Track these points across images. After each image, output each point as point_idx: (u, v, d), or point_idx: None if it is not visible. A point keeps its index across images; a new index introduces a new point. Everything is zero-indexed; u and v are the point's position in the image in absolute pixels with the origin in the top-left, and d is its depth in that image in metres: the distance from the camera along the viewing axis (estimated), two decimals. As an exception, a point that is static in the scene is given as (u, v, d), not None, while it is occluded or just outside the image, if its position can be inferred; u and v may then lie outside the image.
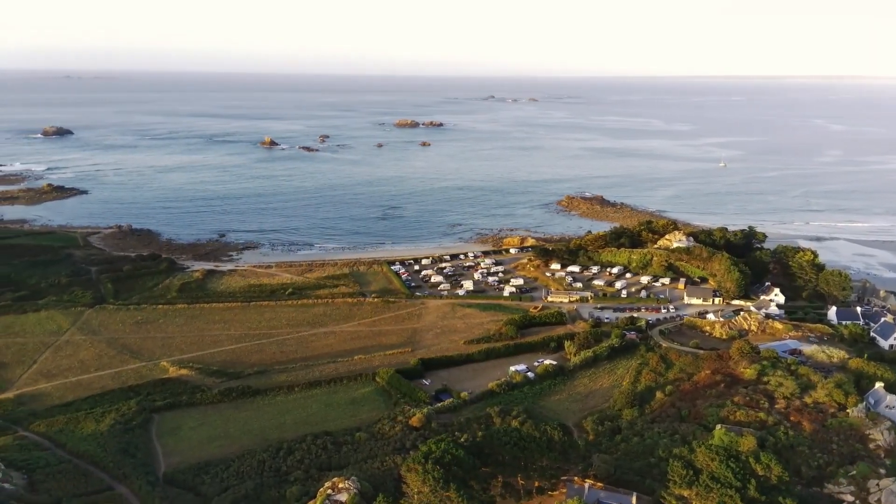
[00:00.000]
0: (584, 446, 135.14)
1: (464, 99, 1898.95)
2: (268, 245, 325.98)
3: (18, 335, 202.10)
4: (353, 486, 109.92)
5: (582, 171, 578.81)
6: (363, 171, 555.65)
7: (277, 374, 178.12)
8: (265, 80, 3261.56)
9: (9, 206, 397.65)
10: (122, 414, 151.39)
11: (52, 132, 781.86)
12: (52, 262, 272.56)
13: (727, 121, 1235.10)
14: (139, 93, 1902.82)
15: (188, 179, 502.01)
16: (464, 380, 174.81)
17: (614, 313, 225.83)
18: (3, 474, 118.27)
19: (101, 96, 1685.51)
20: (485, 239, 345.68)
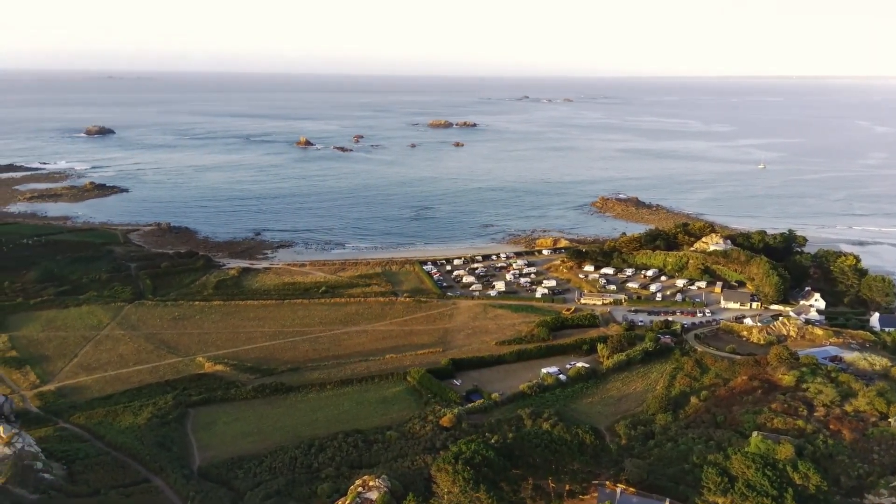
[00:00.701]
0: (617, 451, 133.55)
1: (498, 99, 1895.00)
2: (302, 244, 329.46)
3: (60, 329, 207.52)
4: (383, 484, 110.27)
5: (617, 173, 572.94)
6: (396, 171, 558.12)
7: (310, 371, 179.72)
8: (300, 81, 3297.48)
9: (53, 203, 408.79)
10: (159, 408, 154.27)
11: (95, 131, 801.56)
12: (93, 258, 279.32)
13: (766, 122, 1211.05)
14: (179, 93, 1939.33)
15: (225, 178, 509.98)
16: (495, 381, 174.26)
17: (648, 316, 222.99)
18: (43, 464, 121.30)
19: (143, 97, 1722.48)
20: (517, 240, 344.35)
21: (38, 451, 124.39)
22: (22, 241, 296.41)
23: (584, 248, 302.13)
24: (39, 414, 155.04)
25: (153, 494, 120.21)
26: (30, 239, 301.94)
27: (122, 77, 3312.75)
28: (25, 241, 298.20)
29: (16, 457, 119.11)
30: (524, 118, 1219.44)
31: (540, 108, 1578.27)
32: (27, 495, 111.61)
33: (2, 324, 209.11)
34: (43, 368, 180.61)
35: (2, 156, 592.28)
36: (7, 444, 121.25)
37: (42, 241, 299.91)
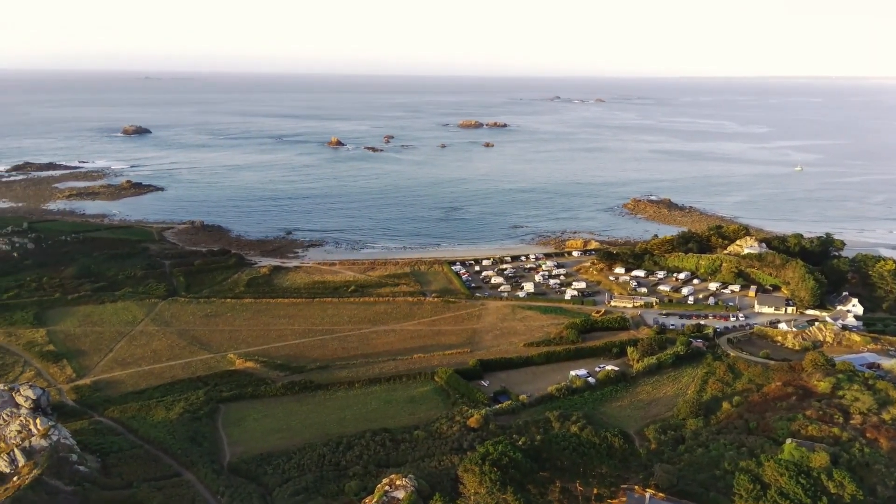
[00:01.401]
0: (646, 455, 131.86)
1: (529, 100, 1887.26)
2: (332, 243, 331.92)
3: (96, 324, 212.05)
4: (410, 483, 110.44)
5: (649, 174, 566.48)
6: (426, 172, 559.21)
7: (339, 369, 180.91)
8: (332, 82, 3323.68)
9: (90, 201, 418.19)
10: (191, 403, 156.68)
11: (132, 131, 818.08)
12: (129, 255, 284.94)
13: (804, 123, 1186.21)
14: (215, 93, 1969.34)
15: (258, 178, 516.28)
16: (523, 382, 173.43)
17: (680, 320, 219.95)
18: (78, 457, 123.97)
19: (179, 97, 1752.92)
20: (547, 241, 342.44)
21: (73, 443, 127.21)
22: (61, 238, 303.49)
23: (615, 249, 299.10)
24: (75, 407, 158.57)
25: (184, 488, 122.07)
26: (68, 236, 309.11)
27: (159, 77, 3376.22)
28: (64, 237, 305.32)
29: (52, 449, 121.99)
30: (555, 119, 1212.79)
31: (571, 108, 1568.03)
32: (62, 487, 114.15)
33: (40, 318, 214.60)
34: (79, 362, 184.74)
35: (42, 154, 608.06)
36: (44, 436, 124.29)
37: (80, 238, 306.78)
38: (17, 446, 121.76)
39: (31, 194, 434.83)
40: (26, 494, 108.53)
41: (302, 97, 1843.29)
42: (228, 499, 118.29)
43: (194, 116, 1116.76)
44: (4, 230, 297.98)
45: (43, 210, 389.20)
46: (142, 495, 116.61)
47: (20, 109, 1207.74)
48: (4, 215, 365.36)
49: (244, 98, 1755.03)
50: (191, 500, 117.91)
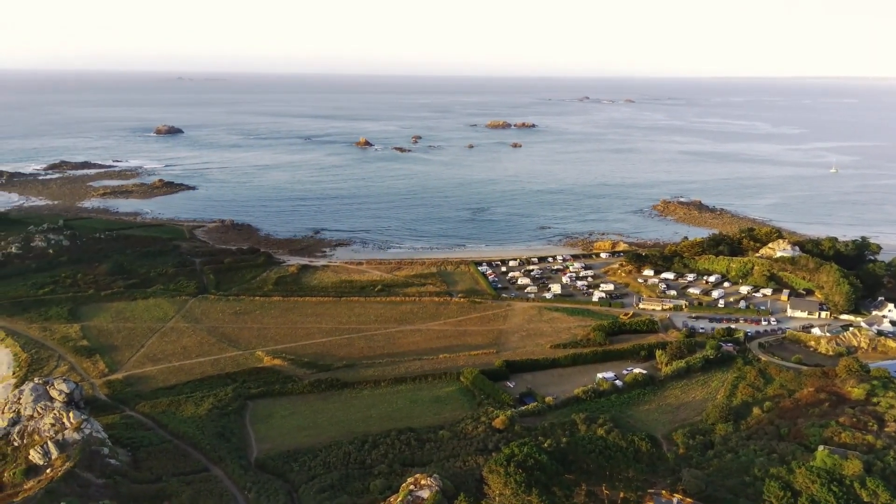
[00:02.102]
0: (674, 460, 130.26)
1: (557, 100, 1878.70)
2: (359, 243, 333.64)
3: (129, 320, 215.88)
4: (435, 483, 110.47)
5: (680, 175, 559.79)
6: (454, 172, 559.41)
7: (365, 368, 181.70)
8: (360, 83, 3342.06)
9: (124, 199, 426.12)
10: (220, 399, 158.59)
11: (165, 131, 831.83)
12: (160, 252, 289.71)
13: (840, 124, 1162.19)
14: (246, 94, 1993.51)
15: (287, 178, 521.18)
16: (549, 384, 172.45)
17: (710, 323, 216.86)
18: (110, 450, 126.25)
19: (210, 97, 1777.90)
20: (574, 242, 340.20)
21: (105, 437, 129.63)
22: (95, 236, 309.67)
23: (644, 251, 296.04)
24: (107, 401, 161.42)
25: (212, 483, 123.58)
26: (102, 233, 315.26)
27: (192, 78, 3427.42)
28: (98, 235, 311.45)
29: (84, 442, 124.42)
30: (584, 119, 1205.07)
31: (600, 109, 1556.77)
32: (94, 479, 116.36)
33: (75, 314, 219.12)
34: (112, 358, 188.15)
35: (78, 153, 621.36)
36: (76, 429, 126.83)
37: (114, 236, 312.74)
38: (51, 439, 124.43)
39: (66, 192, 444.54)
40: (59, 486, 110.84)
41: (330, 97, 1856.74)
42: (255, 495, 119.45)
43: (225, 116, 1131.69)
44: (41, 227, 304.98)
45: (78, 208, 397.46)
46: (171, 489, 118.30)
47: (57, 109, 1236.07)
48: (41, 213, 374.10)
49: (274, 98, 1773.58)
50: (219, 495, 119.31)
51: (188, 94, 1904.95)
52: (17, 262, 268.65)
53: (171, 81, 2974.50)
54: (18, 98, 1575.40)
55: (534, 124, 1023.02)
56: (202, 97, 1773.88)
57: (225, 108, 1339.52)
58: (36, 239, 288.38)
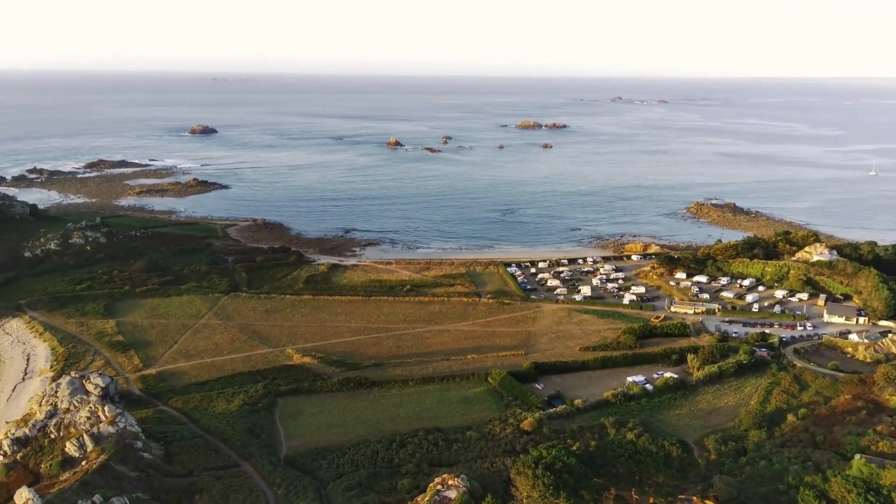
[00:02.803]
0: (705, 466, 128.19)
1: (589, 100, 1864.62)
2: (389, 242, 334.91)
3: (162, 317, 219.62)
4: (462, 484, 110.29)
5: (714, 177, 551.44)
6: (483, 173, 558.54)
7: (393, 367, 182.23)
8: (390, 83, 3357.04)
9: (159, 197, 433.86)
10: (250, 396, 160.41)
11: (199, 130, 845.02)
12: (194, 250, 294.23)
13: (882, 126, 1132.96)
14: (278, 94, 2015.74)
15: (318, 178, 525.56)
16: (578, 387, 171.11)
17: (744, 328, 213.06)
18: (143, 444, 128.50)
19: (243, 97, 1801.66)
20: (605, 244, 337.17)
21: (138, 431, 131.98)
22: (131, 233, 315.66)
23: (676, 254, 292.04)
24: (141, 396, 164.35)
25: (242, 479, 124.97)
26: (138, 231, 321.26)
27: (226, 79, 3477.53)
28: (134, 232, 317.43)
29: (118, 436, 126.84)
30: (616, 120, 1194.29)
31: (633, 109, 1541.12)
32: (128, 472, 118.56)
33: (110, 309, 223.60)
34: (146, 353, 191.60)
35: (116, 152, 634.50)
36: (111, 423, 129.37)
37: (149, 234, 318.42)
38: (86, 432, 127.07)
39: (103, 190, 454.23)
40: (94, 479, 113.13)
41: (361, 98, 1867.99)
42: (284, 491, 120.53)
43: (258, 116, 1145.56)
44: (79, 224, 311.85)
45: (115, 206, 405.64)
46: (202, 484, 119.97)
47: (97, 109, 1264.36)
48: (79, 210, 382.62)
49: (305, 98, 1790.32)
50: (248, 490, 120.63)
51: (222, 95, 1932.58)
52: (55, 258, 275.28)
53: (206, 82, 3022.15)
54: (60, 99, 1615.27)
55: (565, 125, 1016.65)
56: (235, 97, 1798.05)
57: (258, 109, 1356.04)
58: (74, 236, 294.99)
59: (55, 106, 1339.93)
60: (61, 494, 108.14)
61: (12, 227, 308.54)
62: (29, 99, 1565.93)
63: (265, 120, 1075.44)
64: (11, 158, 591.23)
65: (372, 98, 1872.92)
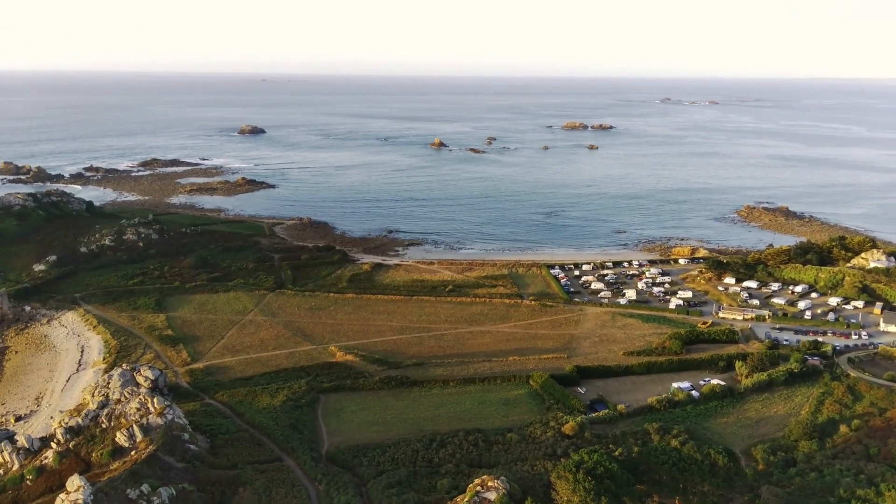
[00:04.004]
0: (753, 476, 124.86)
1: (637, 101, 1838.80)
2: (431, 243, 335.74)
3: (210, 312, 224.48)
4: (502, 485, 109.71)
5: (765, 181, 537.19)
6: (527, 174, 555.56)
7: (434, 367, 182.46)
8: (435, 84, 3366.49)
9: (209, 196, 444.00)
10: (294, 392, 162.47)
11: (248, 131, 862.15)
12: (241, 248, 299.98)
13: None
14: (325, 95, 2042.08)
15: (363, 178, 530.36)
16: (621, 392, 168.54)
17: (795, 335, 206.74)
18: (190, 436, 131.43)
19: (291, 98, 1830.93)
20: (651, 247, 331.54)
21: (185, 423, 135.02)
22: (181, 230, 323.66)
23: (725, 258, 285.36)
24: (188, 389, 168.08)
25: (284, 473, 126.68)
26: (188, 228, 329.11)
27: (275, 80, 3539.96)
28: (184, 230, 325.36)
29: (167, 427, 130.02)
30: (665, 121, 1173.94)
31: (682, 110, 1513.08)
32: (174, 463, 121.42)
33: (161, 304, 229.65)
34: (194, 347, 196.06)
35: (168, 152, 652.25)
36: (160, 414, 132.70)
37: (198, 231, 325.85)
38: (136, 423, 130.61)
39: (156, 188, 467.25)
40: (142, 468, 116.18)
41: (406, 99, 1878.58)
42: (325, 486, 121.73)
43: (306, 117, 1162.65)
44: (132, 221, 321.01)
45: (166, 203, 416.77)
46: (245, 476, 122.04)
47: (151, 110, 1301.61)
48: (133, 207, 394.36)
49: (353, 100, 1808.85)
50: (290, 484, 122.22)
51: (271, 96, 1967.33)
52: (109, 253, 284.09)
53: (256, 83, 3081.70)
54: (119, 99, 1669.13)
55: (611, 126, 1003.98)
56: (284, 98, 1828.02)
57: (306, 109, 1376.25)
58: (127, 232, 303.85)
59: (114, 106, 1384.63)
60: (111, 483, 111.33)
61: (70, 223, 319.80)
62: (91, 99, 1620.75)
63: (313, 121, 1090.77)
64: (70, 157, 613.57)
65: (418, 99, 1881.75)
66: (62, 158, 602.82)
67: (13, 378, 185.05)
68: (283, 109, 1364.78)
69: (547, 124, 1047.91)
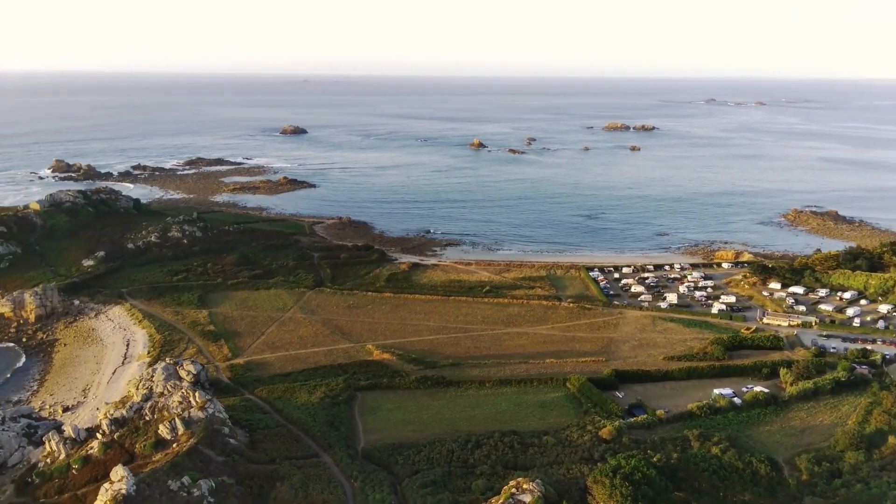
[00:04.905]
0: (796, 486, 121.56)
1: (681, 102, 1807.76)
2: (469, 243, 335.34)
3: (251, 309, 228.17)
4: (537, 488, 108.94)
5: (814, 184, 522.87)
6: (567, 175, 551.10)
7: (470, 368, 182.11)
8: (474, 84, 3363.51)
9: (251, 195, 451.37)
10: (331, 389, 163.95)
11: (290, 131, 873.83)
12: (282, 246, 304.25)
13: None
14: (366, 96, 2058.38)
15: (402, 178, 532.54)
16: (660, 397, 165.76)
17: (843, 343, 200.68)
18: (230, 430, 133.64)
19: (333, 98, 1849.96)
20: (694, 251, 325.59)
21: (226, 417, 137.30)
22: (224, 228, 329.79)
23: (771, 263, 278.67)
24: (229, 384, 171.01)
25: (321, 469, 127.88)
26: (231, 226, 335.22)
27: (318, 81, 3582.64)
28: (227, 227, 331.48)
29: (207, 421, 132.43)
30: (709, 122, 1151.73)
31: (728, 111, 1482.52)
32: (214, 457, 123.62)
33: (204, 300, 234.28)
34: (235, 343, 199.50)
35: (213, 151, 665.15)
36: (201, 408, 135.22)
37: (241, 229, 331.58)
38: (178, 416, 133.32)
39: (200, 187, 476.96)
40: (183, 461, 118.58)
41: (448, 100, 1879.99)
42: (361, 484, 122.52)
43: (347, 118, 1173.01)
44: (177, 219, 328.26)
45: (210, 201, 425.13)
46: (283, 471, 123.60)
47: (199, 109, 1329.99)
48: (178, 205, 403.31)
49: (394, 100, 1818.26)
50: (327, 480, 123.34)
51: (313, 96, 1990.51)
52: (155, 249, 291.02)
53: (298, 84, 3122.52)
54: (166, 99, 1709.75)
55: (654, 127, 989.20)
56: (325, 99, 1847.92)
57: (347, 110, 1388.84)
58: (173, 229, 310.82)
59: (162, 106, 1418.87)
60: (153, 474, 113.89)
61: (118, 219, 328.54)
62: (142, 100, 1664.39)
63: (354, 121, 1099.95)
64: (118, 155, 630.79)
65: (458, 100, 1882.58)
66: (111, 157, 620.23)
67: (62, 370, 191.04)
68: (325, 110, 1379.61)
69: (588, 125, 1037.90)
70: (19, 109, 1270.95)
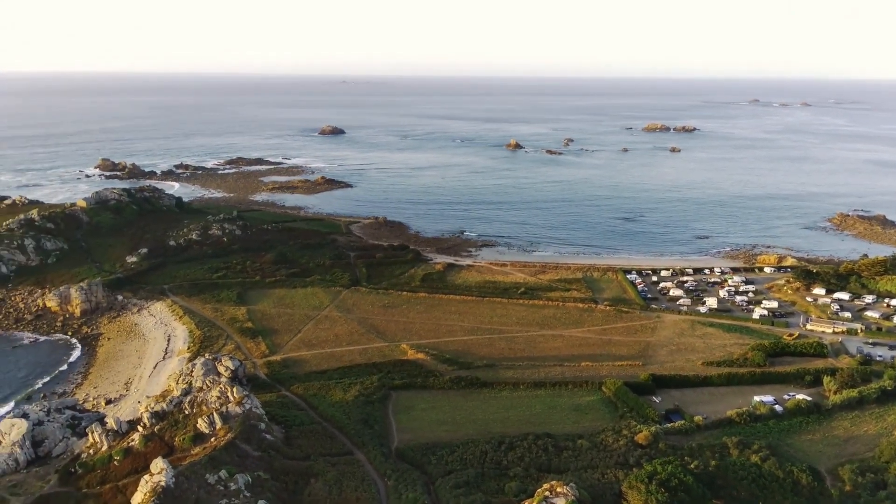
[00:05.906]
0: (839, 497, 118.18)
1: (723, 103, 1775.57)
2: (504, 244, 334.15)
3: (288, 307, 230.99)
4: (571, 492, 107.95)
5: (862, 188, 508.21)
6: (605, 176, 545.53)
7: (504, 369, 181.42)
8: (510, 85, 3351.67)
9: (290, 194, 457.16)
10: (366, 387, 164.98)
11: (328, 131, 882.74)
12: (319, 245, 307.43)
13: None
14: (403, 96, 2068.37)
15: (438, 179, 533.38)
16: (698, 403, 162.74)
17: (890, 351, 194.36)
18: (266, 426, 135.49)
19: (372, 99, 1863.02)
20: (735, 254, 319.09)
21: (262, 413, 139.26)
22: (263, 227, 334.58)
23: (815, 268, 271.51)
24: (266, 381, 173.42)
25: (355, 466, 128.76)
26: (269, 225, 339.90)
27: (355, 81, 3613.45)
28: (266, 226, 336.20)
29: (244, 416, 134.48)
30: (752, 123, 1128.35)
31: (772, 112, 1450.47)
32: (251, 452, 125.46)
33: (242, 298, 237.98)
34: (272, 340, 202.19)
35: (253, 151, 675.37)
36: (238, 403, 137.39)
37: (279, 228, 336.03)
38: (216, 410, 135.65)
39: (240, 186, 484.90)
40: (221, 455, 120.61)
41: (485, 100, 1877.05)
42: (394, 482, 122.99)
43: (385, 118, 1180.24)
44: (218, 217, 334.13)
45: (249, 200, 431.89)
46: (318, 468, 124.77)
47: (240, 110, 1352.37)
48: (218, 204, 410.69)
49: (432, 101, 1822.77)
50: (360, 478, 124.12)
51: (350, 97, 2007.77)
52: (196, 247, 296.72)
53: (336, 85, 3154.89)
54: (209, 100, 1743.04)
55: (695, 128, 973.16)
56: (364, 99, 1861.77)
57: (385, 111, 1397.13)
58: (213, 227, 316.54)
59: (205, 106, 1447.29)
60: (192, 467, 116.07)
61: (160, 217, 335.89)
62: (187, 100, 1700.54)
63: (392, 122, 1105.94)
64: (162, 155, 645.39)
65: (496, 100, 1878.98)
66: (155, 156, 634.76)
67: (105, 363, 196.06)
68: (363, 110, 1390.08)
69: (627, 126, 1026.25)
70: (61, 110, 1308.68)
